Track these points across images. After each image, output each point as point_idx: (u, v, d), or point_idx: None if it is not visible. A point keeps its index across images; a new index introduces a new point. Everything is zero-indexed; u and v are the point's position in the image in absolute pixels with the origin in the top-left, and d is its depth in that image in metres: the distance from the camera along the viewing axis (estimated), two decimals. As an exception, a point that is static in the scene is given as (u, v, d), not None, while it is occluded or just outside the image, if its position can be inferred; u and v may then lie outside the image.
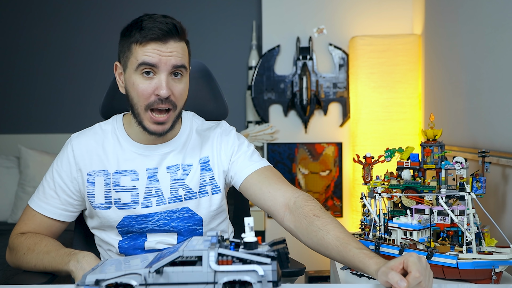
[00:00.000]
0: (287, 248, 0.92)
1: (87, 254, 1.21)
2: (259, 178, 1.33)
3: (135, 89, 1.25)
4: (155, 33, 1.22)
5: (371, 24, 2.80)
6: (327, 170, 2.86)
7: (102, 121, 1.43)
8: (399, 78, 2.60)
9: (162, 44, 1.22)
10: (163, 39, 1.22)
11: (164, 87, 1.22)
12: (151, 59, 1.22)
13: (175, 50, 1.24)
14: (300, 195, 1.28)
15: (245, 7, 3.21)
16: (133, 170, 1.33)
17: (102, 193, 1.32)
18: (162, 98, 1.23)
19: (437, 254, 1.24)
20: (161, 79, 1.23)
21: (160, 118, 1.25)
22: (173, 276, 0.88)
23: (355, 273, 1.34)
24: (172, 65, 1.23)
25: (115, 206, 1.32)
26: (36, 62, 3.33)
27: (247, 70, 3.11)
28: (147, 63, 1.22)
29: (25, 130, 3.32)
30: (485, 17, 1.75)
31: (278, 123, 2.89)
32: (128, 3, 3.27)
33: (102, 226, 1.35)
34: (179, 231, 1.35)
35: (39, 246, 1.29)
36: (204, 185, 1.36)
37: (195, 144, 1.38)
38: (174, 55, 1.23)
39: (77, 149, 1.34)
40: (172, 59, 1.23)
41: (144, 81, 1.24)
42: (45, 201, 1.35)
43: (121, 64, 1.30)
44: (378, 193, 1.41)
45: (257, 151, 1.42)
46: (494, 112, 1.66)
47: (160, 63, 1.22)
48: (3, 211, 2.92)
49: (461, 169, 1.37)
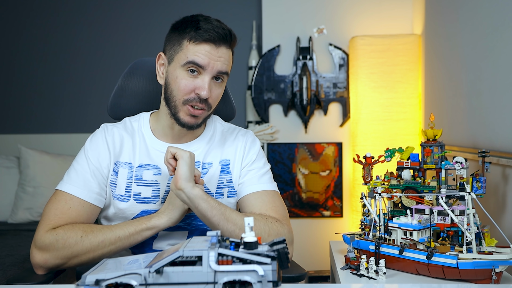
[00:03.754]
0: (287, 248, 0.92)
1: (163, 211, 1.26)
2: (255, 201, 1.36)
3: (177, 82, 1.28)
4: (211, 35, 1.25)
5: (371, 24, 2.80)
6: (327, 170, 2.86)
7: (130, 116, 1.45)
8: (399, 78, 2.60)
9: (215, 47, 1.26)
10: (216, 43, 1.26)
11: (206, 89, 1.26)
12: (201, 60, 1.26)
13: (223, 56, 1.28)
14: (272, 220, 1.29)
15: (245, 7, 3.21)
16: (156, 165, 1.36)
17: (123, 185, 1.34)
18: (202, 98, 1.27)
19: (437, 254, 1.24)
20: (204, 80, 1.27)
21: (196, 112, 1.29)
22: (173, 276, 0.88)
23: (355, 273, 1.34)
24: (218, 70, 1.28)
25: (133, 200, 1.34)
26: (36, 62, 3.33)
27: (247, 70, 3.11)
28: (196, 63, 1.26)
29: (25, 130, 3.32)
30: (485, 17, 1.74)
31: (278, 123, 2.89)
32: (129, 3, 3.27)
33: (115, 216, 1.35)
34: (191, 229, 1.36)
35: (96, 227, 1.24)
36: (221, 187, 1.39)
37: (218, 145, 1.41)
38: (222, 60, 1.28)
39: (110, 137, 1.36)
40: (219, 64, 1.27)
41: (188, 78, 1.27)
42: (80, 185, 1.29)
43: (166, 56, 1.33)
44: (378, 193, 1.41)
45: (271, 172, 1.44)
46: (494, 112, 1.65)
47: (208, 65, 1.26)
48: (3, 211, 2.92)
49: (461, 169, 1.37)
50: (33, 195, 2.88)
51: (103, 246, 1.22)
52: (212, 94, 1.29)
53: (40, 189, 2.88)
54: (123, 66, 1.67)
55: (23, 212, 2.86)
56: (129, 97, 1.53)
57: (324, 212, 2.86)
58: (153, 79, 1.47)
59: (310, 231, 2.86)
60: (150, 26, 3.23)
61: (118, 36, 3.27)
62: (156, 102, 1.45)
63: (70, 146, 3.19)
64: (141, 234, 1.24)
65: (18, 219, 2.86)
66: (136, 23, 3.27)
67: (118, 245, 1.23)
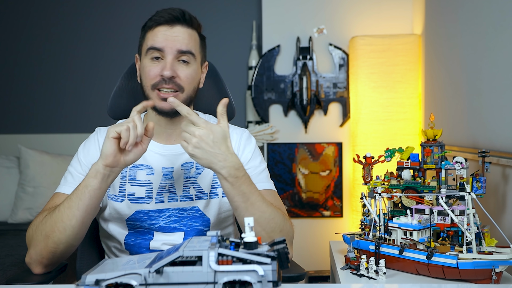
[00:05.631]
0: (287, 248, 0.92)
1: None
2: None
3: (145, 72, 1.32)
4: (163, 17, 1.29)
5: (371, 24, 2.80)
6: (327, 170, 2.86)
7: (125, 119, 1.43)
8: (399, 78, 2.60)
9: (169, 27, 1.29)
10: (170, 23, 1.29)
11: (167, 68, 1.28)
12: (158, 43, 1.28)
13: (180, 35, 1.30)
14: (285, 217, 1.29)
15: (245, 7, 3.21)
16: (149, 165, 1.36)
17: (117, 185, 1.35)
18: (166, 78, 1.28)
19: (437, 254, 1.24)
20: (166, 61, 1.29)
21: (166, 94, 1.29)
22: (173, 276, 0.88)
23: (355, 273, 1.34)
24: (177, 49, 1.29)
25: (128, 200, 1.34)
26: (37, 62, 3.33)
27: (247, 70, 3.11)
28: (154, 47, 1.29)
29: (25, 130, 3.32)
30: (485, 17, 1.74)
31: (278, 123, 2.89)
32: (129, 3, 3.27)
33: (111, 217, 1.36)
34: (186, 230, 1.36)
35: (57, 206, 1.21)
36: (215, 187, 1.38)
37: None
38: (179, 39, 1.29)
39: (101, 138, 1.38)
40: (177, 43, 1.29)
41: (152, 64, 1.31)
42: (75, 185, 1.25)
43: (138, 54, 1.39)
44: (378, 193, 1.41)
45: (267, 170, 1.43)
46: (494, 112, 1.65)
47: (166, 47, 1.28)
48: (3, 211, 2.92)
49: (461, 169, 1.37)
50: (33, 195, 2.88)
51: (61, 215, 1.17)
52: (179, 74, 1.30)
53: (40, 189, 2.88)
54: (123, 66, 1.67)
55: (23, 212, 2.86)
56: (129, 97, 1.54)
57: (324, 212, 2.86)
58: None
59: (310, 231, 2.86)
60: (150, 26, 3.23)
61: (118, 36, 3.27)
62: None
63: (70, 146, 3.19)
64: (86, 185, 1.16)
65: (18, 219, 2.86)
66: (136, 23, 3.24)
67: (72, 206, 1.16)
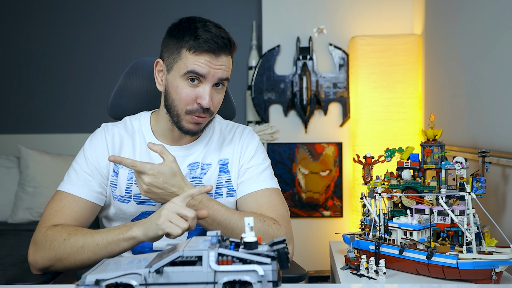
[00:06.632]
0: (287, 248, 0.92)
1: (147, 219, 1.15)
2: (253, 202, 1.35)
3: (178, 92, 1.27)
4: (211, 46, 1.24)
5: (371, 24, 2.80)
6: (327, 170, 2.86)
7: (131, 115, 1.44)
8: (399, 78, 2.60)
9: (215, 57, 1.25)
10: (216, 52, 1.25)
11: (207, 99, 1.26)
12: (202, 69, 1.24)
13: (224, 64, 1.27)
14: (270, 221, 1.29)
15: (245, 7, 3.20)
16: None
17: (124, 185, 1.34)
18: (204, 108, 1.27)
19: (437, 254, 1.24)
20: (206, 89, 1.26)
21: (200, 119, 1.29)
22: (173, 276, 0.88)
23: (355, 273, 1.34)
24: (218, 78, 1.27)
25: (134, 201, 1.34)
26: (37, 62, 3.33)
27: (247, 70, 3.11)
28: (197, 72, 1.24)
29: (25, 130, 3.32)
30: (485, 17, 1.74)
31: (278, 123, 2.89)
32: (129, 3, 3.27)
33: (116, 217, 1.35)
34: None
35: (81, 230, 1.21)
36: (220, 187, 1.38)
37: (216, 144, 1.41)
38: (222, 68, 1.27)
39: (109, 136, 1.36)
40: (220, 72, 1.27)
41: (189, 87, 1.27)
42: (80, 184, 1.29)
43: (165, 63, 1.31)
44: (378, 193, 1.41)
45: (271, 168, 1.43)
46: (494, 112, 1.65)
47: (208, 74, 1.25)
48: (3, 211, 2.92)
49: (461, 169, 1.37)
50: (33, 195, 2.88)
51: (83, 252, 1.18)
52: (213, 101, 1.29)
53: (40, 189, 2.88)
54: (123, 66, 1.67)
55: (23, 212, 2.86)
56: (129, 97, 1.54)
57: (324, 212, 2.86)
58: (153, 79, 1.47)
59: (310, 231, 2.86)
60: (150, 26, 3.23)
61: (118, 36, 3.27)
62: (156, 102, 1.44)
63: (70, 146, 3.19)
64: (118, 244, 1.17)
65: (18, 219, 2.86)
66: (136, 23, 3.27)
67: (97, 252, 1.18)
